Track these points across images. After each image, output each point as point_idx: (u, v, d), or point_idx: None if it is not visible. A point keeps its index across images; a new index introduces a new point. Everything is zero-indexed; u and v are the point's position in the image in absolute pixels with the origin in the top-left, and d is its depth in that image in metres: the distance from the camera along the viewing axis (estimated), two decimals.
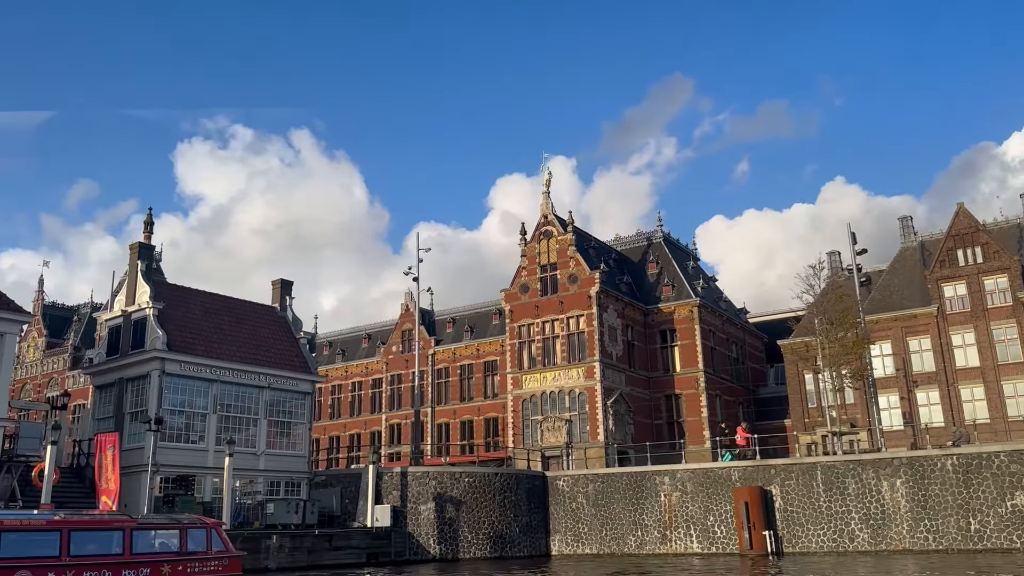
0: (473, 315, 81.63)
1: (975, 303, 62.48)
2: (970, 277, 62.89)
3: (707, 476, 39.23)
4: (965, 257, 64.27)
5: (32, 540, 24.71)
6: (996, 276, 62.47)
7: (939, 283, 64.17)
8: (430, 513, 39.82)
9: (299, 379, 42.24)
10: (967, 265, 63.33)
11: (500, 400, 75.92)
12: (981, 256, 63.38)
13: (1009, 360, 60.40)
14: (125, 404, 38.09)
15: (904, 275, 68.01)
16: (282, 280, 46.02)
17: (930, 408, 63.35)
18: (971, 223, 64.73)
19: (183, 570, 27.23)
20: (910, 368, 64.31)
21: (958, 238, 64.98)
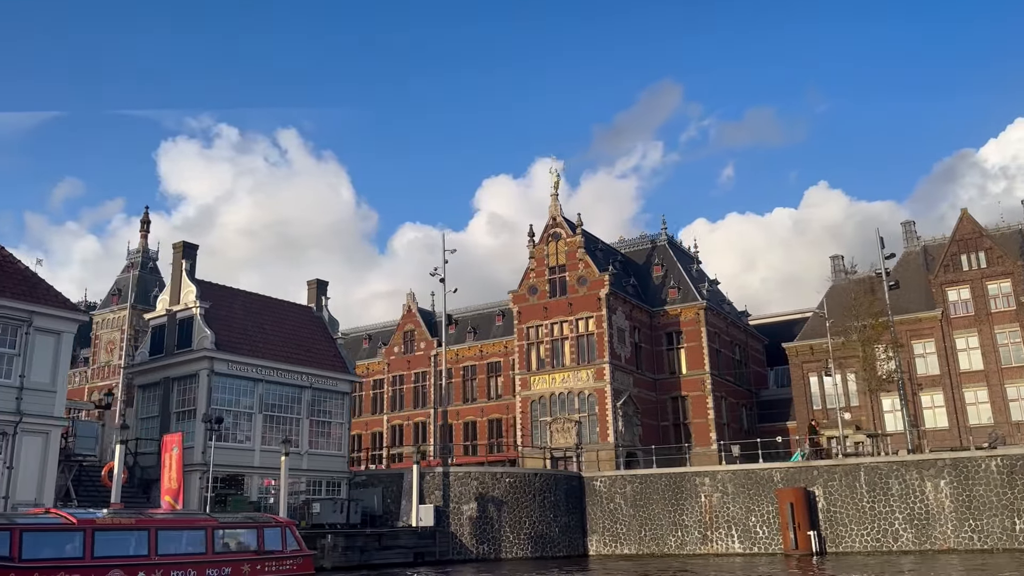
0: (476, 316, 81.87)
1: (979, 307, 63.53)
2: (974, 282, 63.95)
3: (748, 477, 39.80)
4: (969, 262, 65.35)
5: (124, 539, 24.80)
6: (999, 281, 63.55)
7: (943, 287, 65.20)
8: (472, 513, 40.09)
9: (338, 379, 42.36)
10: (971, 270, 64.40)
11: (504, 401, 76.26)
12: (985, 261, 64.48)
13: (1013, 364, 61.50)
14: (171, 403, 38.01)
15: (907, 279, 68.90)
16: (317, 280, 46.10)
17: (934, 411, 64.24)
18: (975, 228, 65.86)
19: (261, 569, 27.41)
20: (914, 371, 65.20)
21: (962, 243, 66.06)
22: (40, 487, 31.30)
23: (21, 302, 31.53)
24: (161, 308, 39.76)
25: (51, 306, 32.58)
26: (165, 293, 40.31)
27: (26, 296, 31.94)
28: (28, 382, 31.42)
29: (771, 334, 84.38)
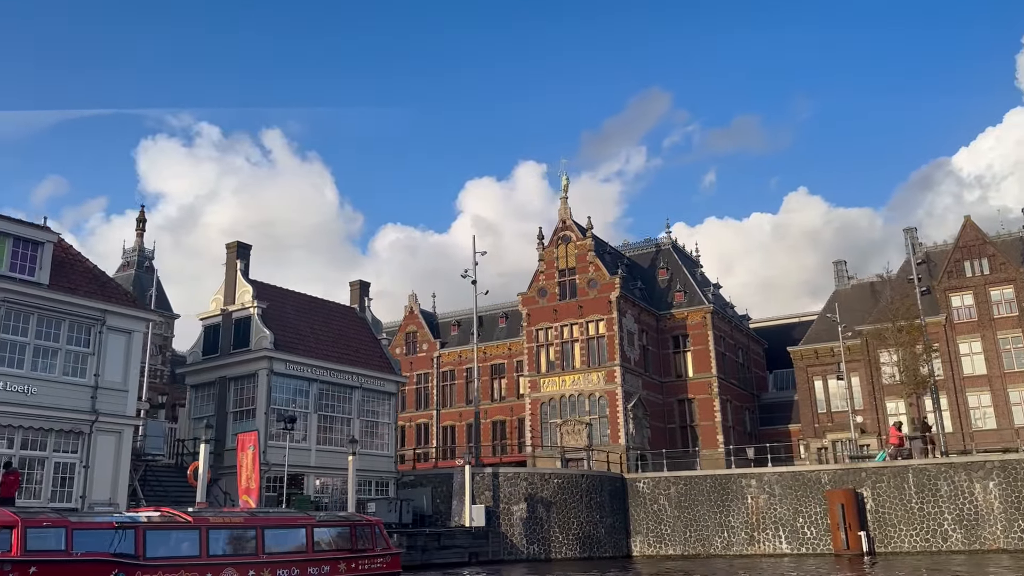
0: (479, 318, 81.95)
1: (982, 313, 64.82)
2: (977, 288, 65.26)
3: (795, 479, 40.54)
4: (972, 268, 66.61)
5: (235, 538, 24.96)
6: (1002, 287, 64.90)
7: (947, 293, 66.46)
8: (522, 514, 40.47)
9: (385, 379, 42.54)
10: (974, 276, 65.70)
11: (508, 403, 76.66)
12: (987, 268, 65.80)
13: (1015, 368, 62.81)
14: (228, 403, 38.01)
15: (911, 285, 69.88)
16: (360, 281, 46.22)
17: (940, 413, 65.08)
18: (978, 236, 67.22)
19: (355, 567, 27.68)
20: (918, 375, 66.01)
21: (965, 250, 67.37)
22: (114, 486, 31.32)
23: (95, 301, 31.53)
24: (214, 308, 39.69)
25: (123, 305, 32.61)
26: (219, 293, 40.19)
27: (98, 295, 31.94)
28: (102, 381, 31.41)
29: (768, 337, 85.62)
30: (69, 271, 32.07)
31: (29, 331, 29.91)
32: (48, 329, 30.42)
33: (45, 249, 30.82)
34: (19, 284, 29.57)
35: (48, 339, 30.39)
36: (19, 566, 19.73)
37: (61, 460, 29.99)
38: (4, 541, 19.75)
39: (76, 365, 31.12)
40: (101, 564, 21.29)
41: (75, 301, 31.05)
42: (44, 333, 30.28)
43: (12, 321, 29.45)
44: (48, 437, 29.79)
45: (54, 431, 29.88)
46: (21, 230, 30.49)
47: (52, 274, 30.92)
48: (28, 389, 29.39)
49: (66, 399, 30.31)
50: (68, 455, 30.25)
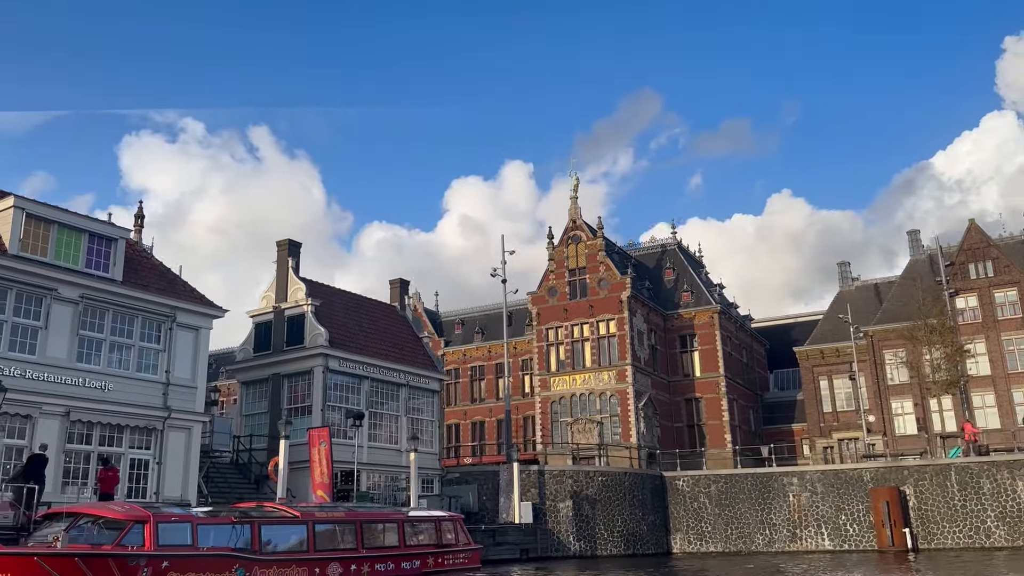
0: (483, 317, 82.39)
1: (986, 315, 65.83)
2: (981, 290, 66.27)
3: (838, 477, 41.26)
4: (976, 271, 67.64)
5: (338, 533, 25.24)
6: (1006, 289, 66.00)
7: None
8: (568, 511, 40.88)
9: (429, 377, 42.79)
10: (978, 278, 66.71)
11: (514, 402, 76.81)
12: (992, 270, 66.84)
13: (1019, 369, 63.88)
14: (282, 400, 38.11)
15: (915, 287, 71.02)
16: (400, 280, 46.43)
17: (943, 414, 66.34)
18: (982, 239, 68.33)
19: (442, 561, 28.09)
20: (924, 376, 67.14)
21: (970, 252, 68.44)
22: (184, 482, 31.43)
23: (165, 297, 31.61)
24: (265, 305, 39.75)
25: (192, 302, 32.74)
26: (270, 290, 40.25)
27: (168, 292, 32.03)
28: (173, 377, 31.49)
29: (768, 337, 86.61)
30: (138, 268, 32.14)
31: (105, 327, 29.96)
32: (122, 326, 30.48)
33: (118, 246, 30.86)
34: (95, 280, 29.63)
35: (122, 335, 30.46)
36: (153, 560, 19.90)
37: (136, 456, 30.06)
38: (137, 536, 19.93)
39: (148, 362, 31.21)
40: (224, 558, 21.50)
41: (148, 298, 31.15)
42: (118, 329, 30.35)
43: (89, 317, 29.51)
44: (123, 433, 29.85)
45: (129, 427, 29.94)
46: (95, 226, 30.55)
47: (124, 270, 30.92)
48: (105, 385, 29.45)
49: (140, 395, 30.41)
50: (142, 451, 30.32)
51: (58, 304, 28.60)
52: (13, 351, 27.41)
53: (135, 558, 19.94)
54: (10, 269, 27.45)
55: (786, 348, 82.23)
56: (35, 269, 27.98)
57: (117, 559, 19.64)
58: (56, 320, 28.49)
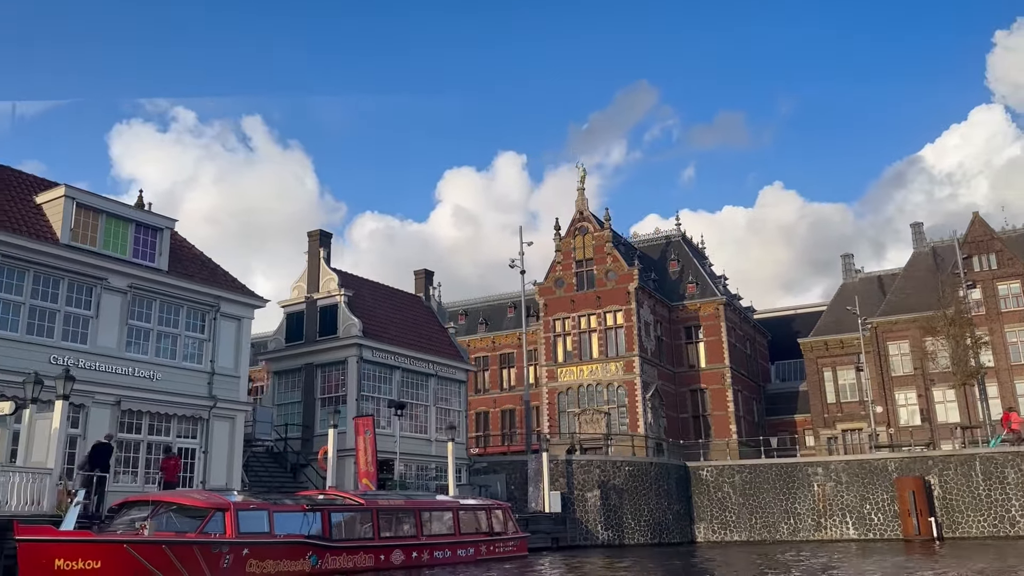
0: (487, 307, 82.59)
1: (989, 307, 66.52)
2: (985, 282, 66.94)
3: (862, 467, 41.79)
4: (980, 263, 68.30)
5: (399, 520, 25.51)
6: (1009, 282, 66.67)
7: (955, 287, 68.00)
8: (596, 500, 41.24)
9: (456, 367, 43.04)
10: (982, 271, 67.36)
11: (518, 392, 77.16)
12: (995, 263, 67.52)
13: (1022, 361, 64.59)
14: (315, 390, 38.27)
15: (918, 279, 71.77)
16: (425, 270, 46.64)
17: (946, 405, 67.02)
18: (986, 231, 69.03)
19: (493, 549, 28.46)
20: (927, 367, 67.90)
21: (973, 245, 69.10)
22: (229, 471, 31.57)
23: (209, 287, 31.73)
24: (296, 295, 39.86)
25: (234, 291, 32.86)
26: (301, 280, 40.36)
27: (211, 281, 32.14)
28: (217, 367, 31.60)
29: (769, 329, 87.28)
30: (181, 257, 32.23)
31: (152, 317, 30.07)
32: (168, 315, 30.60)
33: (163, 235, 30.95)
34: (142, 270, 29.71)
35: (169, 325, 30.57)
36: (235, 548, 20.11)
37: (183, 445, 30.20)
38: (218, 523, 20.13)
39: (193, 351, 31.34)
40: (298, 546, 21.75)
41: (193, 287, 31.26)
42: (165, 319, 30.47)
43: (137, 307, 29.61)
44: (171, 422, 29.99)
45: (176, 416, 30.09)
46: (141, 216, 30.64)
47: (169, 260, 31.02)
48: (153, 375, 29.56)
49: (186, 385, 30.54)
50: (189, 440, 30.46)
51: (108, 294, 28.68)
52: (66, 340, 27.51)
53: (218, 545, 20.15)
54: (62, 259, 27.51)
55: (787, 340, 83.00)
56: (86, 259, 28.06)
57: (201, 546, 19.84)
58: (106, 310, 28.58)
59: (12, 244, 26.16)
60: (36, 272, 26.96)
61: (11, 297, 26.28)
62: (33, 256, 26.76)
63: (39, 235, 27.31)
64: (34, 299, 26.84)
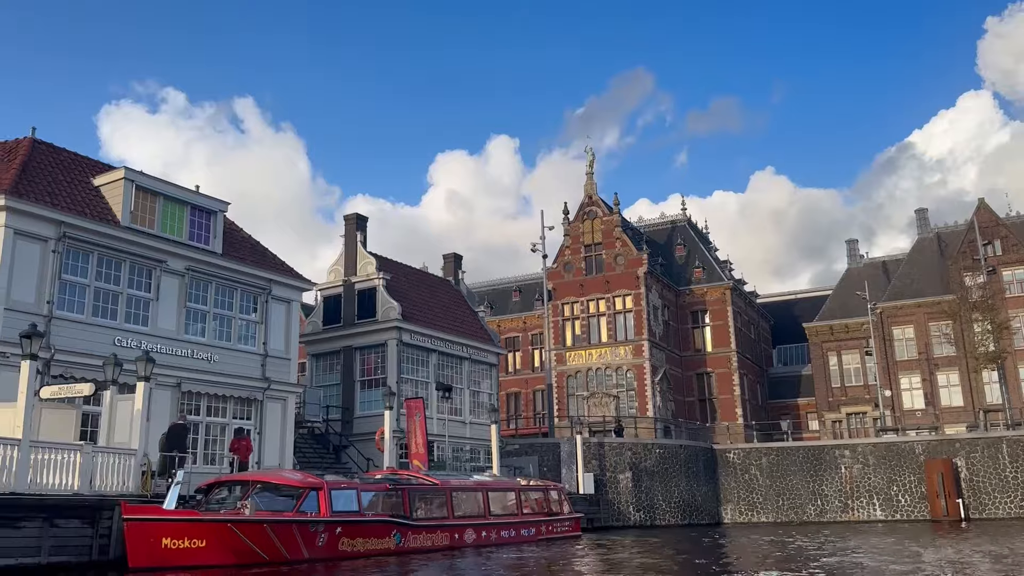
0: (492, 292, 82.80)
1: (995, 292, 67.31)
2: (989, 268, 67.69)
3: (889, 450, 42.50)
4: (985, 249, 69.09)
5: (469, 500, 25.89)
6: (1014, 268, 67.50)
7: (961, 272, 68.89)
8: (628, 482, 41.76)
9: (488, 350, 43.39)
10: (987, 257, 68.13)
11: (522, 376, 77.70)
12: (1000, 248, 68.35)
13: None
14: (355, 372, 38.53)
15: (923, 265, 72.59)
16: (454, 254, 46.90)
17: (950, 389, 67.93)
18: (991, 217, 69.80)
19: (551, 529, 28.93)
20: (932, 352, 68.80)
21: (979, 231, 69.85)
22: (281, 452, 31.85)
23: (261, 270, 31.91)
24: (333, 278, 40.06)
25: (284, 274, 33.04)
26: (337, 263, 40.56)
27: (262, 264, 32.34)
28: (269, 349, 31.83)
29: (771, 313, 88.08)
30: (232, 240, 32.36)
31: (208, 299, 30.25)
32: (223, 298, 30.79)
33: (217, 218, 31.11)
34: (199, 252, 29.85)
35: (223, 308, 30.76)
36: (329, 527, 20.44)
37: (238, 426, 30.39)
38: (312, 503, 20.41)
39: (247, 334, 31.54)
40: (384, 524, 22.09)
41: (246, 270, 31.45)
42: (220, 302, 30.66)
43: (194, 290, 29.74)
44: (227, 404, 30.23)
45: (232, 398, 30.34)
46: (197, 199, 30.78)
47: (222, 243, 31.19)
48: (210, 357, 29.74)
49: (241, 367, 30.77)
50: (244, 422, 30.73)
51: (167, 276, 28.84)
52: (129, 323, 27.61)
53: (315, 524, 20.46)
54: (123, 240, 27.62)
55: (788, 324, 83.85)
56: (145, 241, 28.15)
57: (299, 525, 20.14)
58: (166, 292, 28.75)
59: (77, 226, 26.27)
60: (100, 254, 27.06)
61: (77, 279, 26.37)
62: (97, 239, 26.87)
63: (101, 217, 27.40)
64: (98, 281, 26.95)
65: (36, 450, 19.94)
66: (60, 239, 25.88)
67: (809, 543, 26.78)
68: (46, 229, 25.66)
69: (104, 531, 20.65)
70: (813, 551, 23.75)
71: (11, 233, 24.86)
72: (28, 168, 26.99)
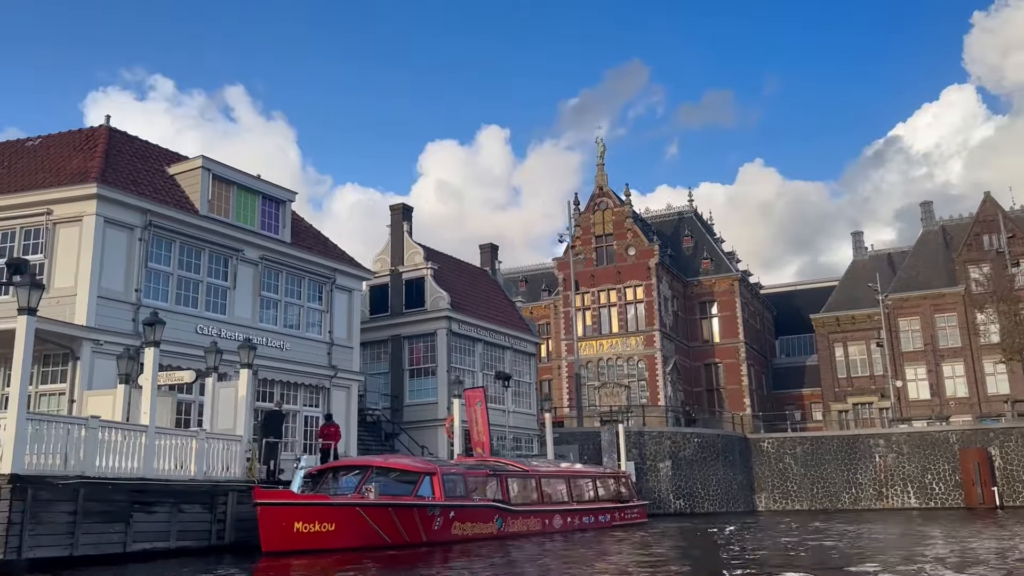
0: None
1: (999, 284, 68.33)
2: (995, 261, 68.81)
3: (923, 439, 43.34)
4: (990, 242, 70.20)
5: (555, 486, 26.34)
6: (1019, 259, 68.63)
7: (966, 265, 69.95)
8: (668, 470, 42.36)
9: (527, 340, 43.79)
10: (992, 249, 69.26)
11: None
12: (1005, 241, 69.44)
13: None
14: (403, 361, 38.86)
15: (928, 257, 73.61)
16: (491, 244, 47.22)
17: (955, 380, 69.05)
18: (996, 210, 70.91)
19: (623, 515, 29.39)
20: (937, 343, 69.82)
21: (984, 224, 70.97)
22: (346, 439, 32.05)
23: (326, 259, 32.19)
24: (380, 268, 40.28)
25: (347, 264, 33.32)
26: (383, 253, 40.81)
27: (326, 254, 32.60)
28: (334, 337, 32.12)
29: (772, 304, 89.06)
30: (297, 230, 32.58)
31: (280, 288, 30.50)
32: (293, 287, 31.04)
33: (285, 208, 31.34)
34: (270, 241, 30.08)
35: (293, 296, 30.99)
36: (444, 511, 20.83)
37: (308, 414, 30.69)
38: (427, 487, 20.77)
39: (314, 322, 31.79)
40: (488, 509, 22.50)
41: (313, 259, 31.70)
42: (290, 291, 30.91)
43: (267, 279, 29.95)
44: (298, 391, 30.50)
45: (303, 385, 30.62)
46: (268, 188, 30.97)
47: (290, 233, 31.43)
48: (283, 345, 29.97)
49: (310, 355, 31.06)
50: (313, 409, 31.01)
51: (243, 265, 29.06)
52: (208, 311, 27.80)
53: (432, 508, 20.84)
54: (203, 229, 27.79)
55: (790, 315, 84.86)
56: (223, 230, 28.34)
57: (419, 509, 20.51)
58: (242, 281, 28.95)
59: (161, 215, 26.41)
60: (181, 243, 27.25)
61: (161, 267, 26.55)
62: (179, 227, 27.03)
63: (182, 206, 27.57)
64: (180, 270, 27.13)
65: (158, 436, 20.18)
66: (146, 227, 26.03)
67: (882, 532, 27.31)
68: (133, 217, 25.78)
69: (220, 516, 20.96)
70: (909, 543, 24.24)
71: (101, 221, 24.97)
72: (110, 157, 27.11)
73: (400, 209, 40.81)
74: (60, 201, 25.04)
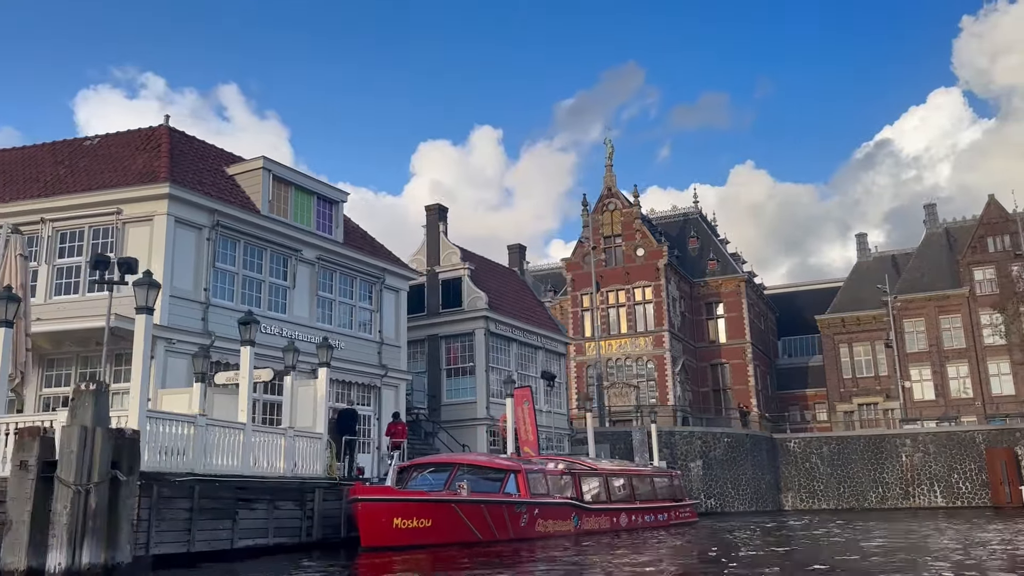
0: None
1: (1003, 286, 69.23)
2: (999, 262, 69.64)
3: (950, 439, 43.96)
4: (995, 244, 70.98)
5: (619, 485, 26.69)
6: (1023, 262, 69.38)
7: (970, 267, 70.73)
8: (699, 470, 42.78)
9: (558, 340, 44.11)
10: (996, 251, 70.06)
11: None
12: (1009, 243, 70.31)
13: None
14: (441, 361, 39.12)
15: (932, 259, 74.36)
16: (519, 245, 47.54)
17: (960, 381, 69.82)
18: (1000, 213, 71.73)
19: (678, 514, 29.76)
20: (942, 344, 70.55)
21: (988, 226, 71.77)
22: None
23: (378, 259, 32.44)
24: (416, 268, 40.52)
25: (395, 264, 33.54)
26: (419, 253, 41.05)
27: (374, 254, 32.84)
28: (384, 337, 32.36)
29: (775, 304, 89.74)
30: (348, 231, 32.78)
31: (335, 288, 30.72)
32: (346, 287, 31.26)
33: (338, 209, 31.56)
34: (325, 242, 30.30)
35: (346, 296, 31.20)
36: (529, 508, 21.16)
37: (361, 413, 30.85)
38: (512, 484, 21.08)
39: (365, 321, 32.01)
40: (566, 507, 22.85)
41: (365, 259, 31.91)
42: (344, 291, 31.13)
43: (323, 278, 30.16)
44: (351, 390, 30.68)
45: (356, 384, 30.82)
46: (322, 188, 31.20)
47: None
48: (337, 344, 30.10)
49: (363, 354, 31.28)
50: (364, 408, 31.21)
51: (302, 265, 29.23)
52: (270, 310, 27.98)
53: (520, 505, 21.15)
54: (265, 229, 27.97)
55: (792, 316, 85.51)
56: (283, 230, 28.54)
57: (508, 506, 20.81)
58: (300, 280, 29.13)
59: (227, 215, 26.57)
60: (246, 243, 27.40)
61: (226, 267, 26.70)
62: (243, 227, 27.18)
63: (244, 206, 27.75)
64: (245, 270, 27.29)
65: (253, 434, 20.40)
66: (213, 227, 26.17)
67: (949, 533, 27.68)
68: (201, 217, 25.93)
69: (308, 513, 21.19)
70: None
71: (172, 221, 25.12)
72: (175, 157, 27.26)
73: (436, 210, 41.09)
74: (130, 200, 25.16)
